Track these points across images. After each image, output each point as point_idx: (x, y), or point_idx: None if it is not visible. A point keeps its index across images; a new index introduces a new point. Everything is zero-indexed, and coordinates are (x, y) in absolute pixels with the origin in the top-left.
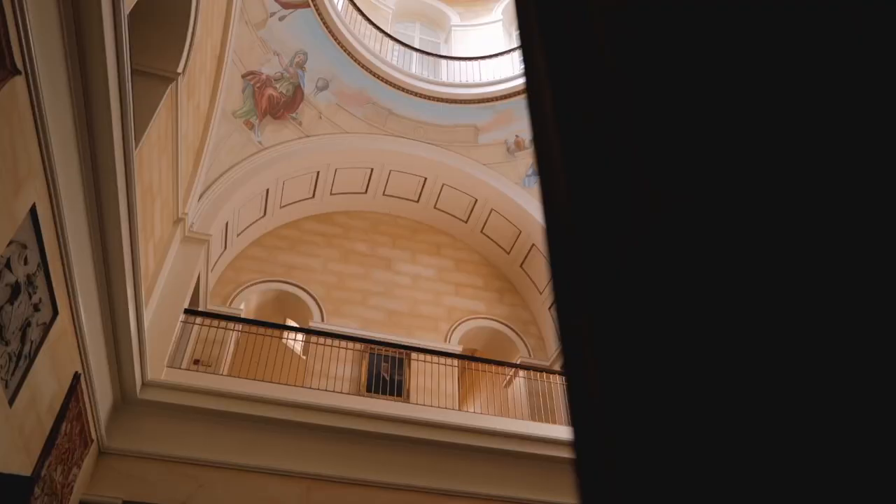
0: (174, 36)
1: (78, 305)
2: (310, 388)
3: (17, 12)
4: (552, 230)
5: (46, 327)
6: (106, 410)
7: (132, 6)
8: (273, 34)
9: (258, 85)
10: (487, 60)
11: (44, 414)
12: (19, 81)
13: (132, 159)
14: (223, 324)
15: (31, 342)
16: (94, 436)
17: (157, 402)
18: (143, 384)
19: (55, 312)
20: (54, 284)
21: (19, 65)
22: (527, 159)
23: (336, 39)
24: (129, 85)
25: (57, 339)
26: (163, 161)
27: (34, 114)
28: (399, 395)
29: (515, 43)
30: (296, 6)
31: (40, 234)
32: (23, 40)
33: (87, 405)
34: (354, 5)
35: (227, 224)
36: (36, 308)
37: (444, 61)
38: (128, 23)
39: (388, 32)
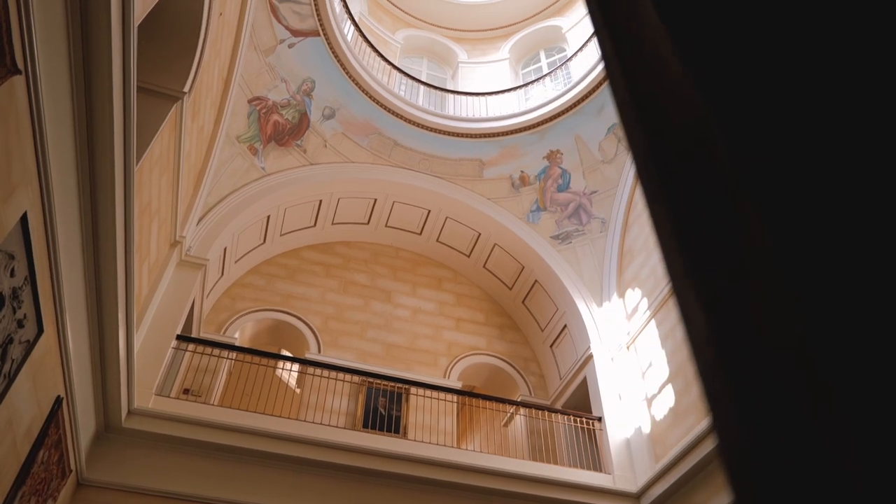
0: (182, 55)
1: (65, 324)
2: (304, 421)
3: (22, 10)
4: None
5: (30, 345)
6: (87, 439)
7: (142, 18)
8: (281, 61)
9: (264, 110)
10: (494, 96)
11: (20, 439)
12: (19, 81)
13: (132, 175)
14: (216, 352)
15: (13, 360)
16: (73, 466)
17: (142, 431)
18: (129, 412)
19: (40, 330)
20: (41, 300)
21: (20, 64)
22: (531, 195)
23: (344, 69)
24: (133, 99)
25: (40, 359)
26: (163, 181)
27: (32, 117)
28: (396, 431)
29: (521, 80)
30: (306, 34)
31: (30, 245)
32: (25, 39)
33: (68, 432)
34: (364, 37)
35: (225, 250)
36: (20, 324)
37: (450, 96)
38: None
39: (397, 65)
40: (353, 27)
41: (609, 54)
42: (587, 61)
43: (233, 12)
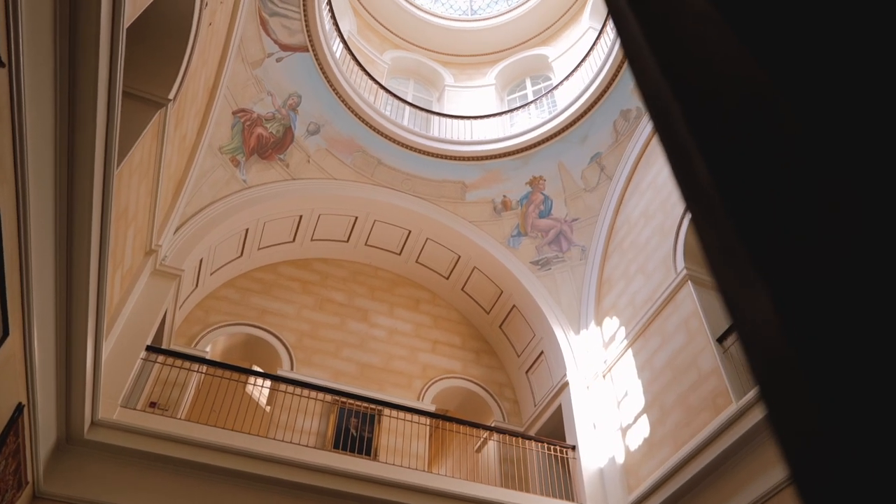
0: (169, 61)
1: (32, 328)
2: (273, 439)
3: (10, 2)
4: None
5: None
6: (47, 449)
7: (132, 21)
8: (269, 74)
9: (248, 123)
10: (479, 120)
11: None
12: (1, 74)
13: (112, 179)
14: (186, 364)
15: None
16: (29, 477)
17: (105, 444)
18: (93, 423)
19: (5, 333)
20: (9, 301)
21: (3, 57)
22: (513, 219)
23: (331, 86)
24: (118, 102)
25: (3, 364)
26: (142, 187)
27: (13, 112)
28: (367, 453)
29: (507, 106)
30: (294, 49)
31: (1, 243)
32: (11, 32)
33: (27, 441)
34: (352, 55)
35: (200, 261)
36: None
37: (435, 118)
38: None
39: (384, 85)
40: (341, 45)
41: (637, 41)
42: (573, 90)
43: (222, 23)
